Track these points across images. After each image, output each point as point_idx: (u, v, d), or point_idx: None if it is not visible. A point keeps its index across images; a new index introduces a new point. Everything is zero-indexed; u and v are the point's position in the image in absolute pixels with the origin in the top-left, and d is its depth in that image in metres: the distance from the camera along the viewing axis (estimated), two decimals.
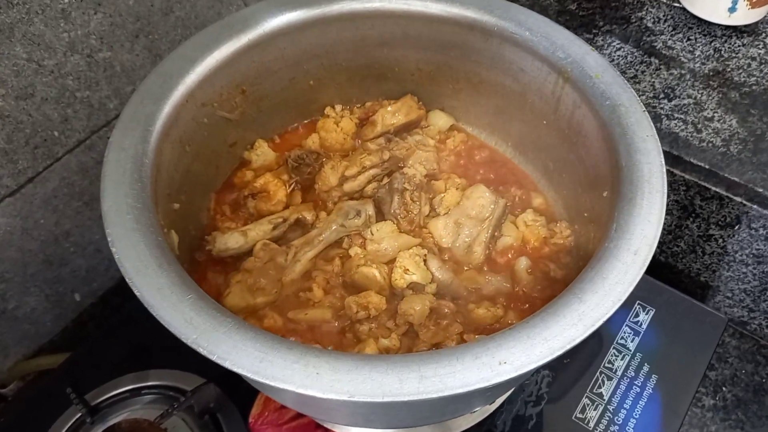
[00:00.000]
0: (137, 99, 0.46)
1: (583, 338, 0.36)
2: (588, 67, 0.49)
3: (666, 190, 0.42)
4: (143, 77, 0.59)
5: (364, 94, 0.62)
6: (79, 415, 0.54)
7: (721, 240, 0.68)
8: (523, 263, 0.53)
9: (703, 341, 0.61)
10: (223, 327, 0.36)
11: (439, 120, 0.62)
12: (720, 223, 0.67)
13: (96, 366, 0.60)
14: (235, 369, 0.34)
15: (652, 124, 0.45)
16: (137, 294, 0.37)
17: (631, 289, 0.37)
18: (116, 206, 0.40)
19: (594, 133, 0.48)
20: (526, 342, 0.35)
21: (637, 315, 0.63)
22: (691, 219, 0.69)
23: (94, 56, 0.61)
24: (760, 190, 0.62)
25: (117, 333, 0.64)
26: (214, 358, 0.35)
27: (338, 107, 0.62)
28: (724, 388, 0.71)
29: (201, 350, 0.35)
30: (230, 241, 0.51)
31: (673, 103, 0.69)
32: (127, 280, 0.37)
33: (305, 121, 0.62)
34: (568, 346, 0.35)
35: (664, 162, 0.43)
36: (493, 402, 0.57)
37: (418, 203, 0.54)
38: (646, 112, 0.46)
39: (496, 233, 0.54)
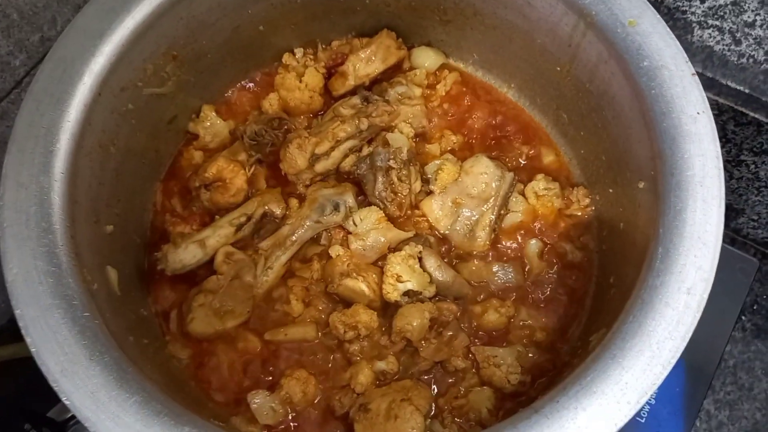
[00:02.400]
0: (31, 106, 0.35)
1: (628, 420, 0.29)
2: (619, 9, 0.37)
3: (724, 195, 0.33)
4: (52, 17, 0.47)
5: (329, 32, 0.49)
6: None
7: (753, 166, 0.60)
8: (534, 247, 0.45)
9: (732, 291, 0.55)
10: None
11: (426, 59, 0.50)
12: (755, 149, 0.58)
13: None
14: None
15: (704, 94, 0.35)
16: (67, 404, 0.29)
17: (685, 344, 0.30)
18: (24, 275, 0.31)
19: (626, 100, 0.38)
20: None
21: None
22: (722, 143, 0.60)
23: None
24: None
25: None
26: None
27: (299, 52, 0.50)
28: (743, 317, 0.66)
29: None
30: (186, 256, 0.42)
31: (706, 5, 0.57)
32: (51, 384, 0.29)
33: (260, 74, 0.50)
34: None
35: (720, 152, 0.34)
36: None
37: (407, 182, 0.45)
38: (696, 77, 0.35)
39: (502, 212, 0.45)
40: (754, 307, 0.67)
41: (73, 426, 0.50)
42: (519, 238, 0.45)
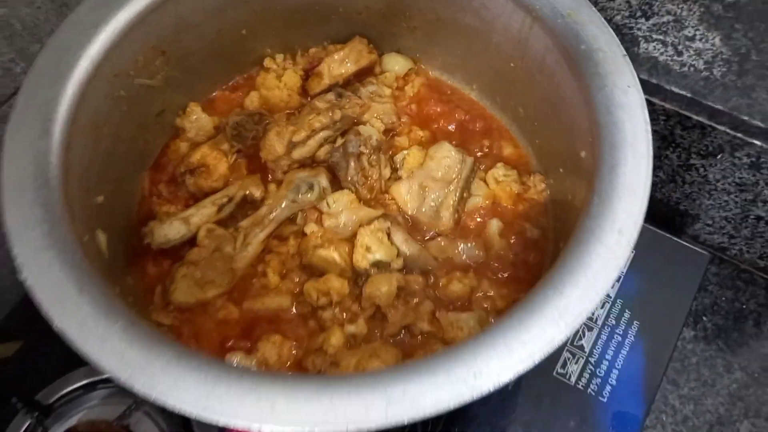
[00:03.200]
0: (32, 83, 0.39)
1: (567, 338, 0.32)
2: (558, 3, 0.42)
3: (652, 154, 0.37)
4: (52, 30, 0.51)
5: (306, 39, 0.54)
6: (30, 421, 0.50)
7: (702, 169, 0.64)
8: (495, 226, 0.48)
9: (686, 281, 0.59)
10: (160, 359, 0.31)
11: (396, 64, 0.55)
12: (702, 152, 0.63)
13: (43, 362, 0.55)
14: (178, 409, 0.30)
15: (634, 72, 0.40)
16: (56, 329, 0.32)
17: (617, 275, 0.33)
18: (21, 221, 0.34)
19: (568, 81, 0.42)
20: (503, 348, 0.32)
21: None
22: (671, 149, 0.64)
23: None
24: (746, 118, 0.57)
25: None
26: (152, 397, 0.30)
27: (279, 57, 0.54)
28: (704, 318, 0.69)
29: (137, 389, 0.30)
30: (170, 231, 0.46)
31: (651, 22, 0.63)
32: (43, 313, 0.32)
33: (243, 76, 0.55)
34: (549, 349, 0.31)
35: (648, 119, 0.38)
36: None
37: (377, 167, 0.49)
38: (627, 57, 0.40)
39: (464, 194, 0.49)
40: (714, 308, 0.70)
41: (58, 409, 0.52)
42: (481, 218, 0.49)
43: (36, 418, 0.49)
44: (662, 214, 0.72)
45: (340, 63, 0.52)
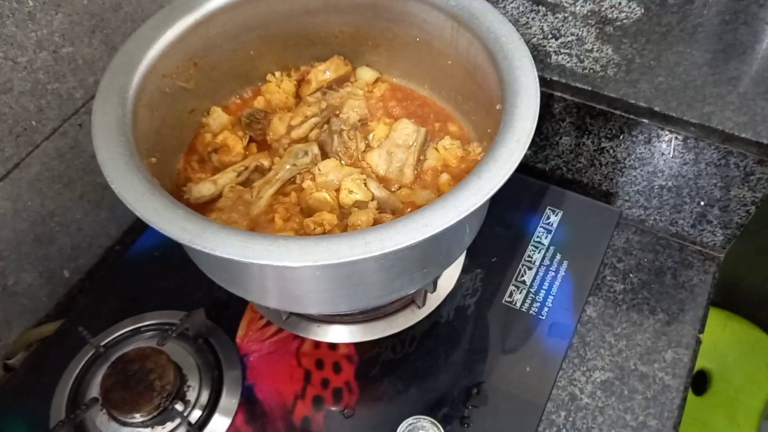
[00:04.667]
0: (110, 74, 0.56)
1: (482, 203, 0.47)
2: (474, 11, 0.61)
3: (539, 94, 0.54)
4: (104, 66, 0.69)
5: (297, 59, 0.72)
6: (93, 351, 0.63)
7: (611, 150, 0.82)
8: (445, 178, 0.65)
9: (602, 230, 0.74)
10: (210, 229, 0.46)
11: (366, 74, 0.73)
12: (608, 135, 0.80)
13: (96, 316, 0.69)
14: (225, 255, 0.45)
15: (526, 47, 0.57)
16: (139, 215, 0.47)
17: (515, 166, 0.49)
18: (109, 155, 0.50)
19: (485, 61, 0.60)
20: (441, 210, 0.47)
21: (548, 218, 0.76)
22: (586, 136, 0.82)
23: (59, 51, 0.70)
24: (633, 101, 0.75)
25: (110, 289, 0.73)
26: (207, 250, 0.45)
27: (277, 74, 0.72)
28: (631, 275, 0.85)
29: (196, 246, 0.45)
30: (203, 189, 0.62)
31: (559, 41, 0.82)
32: (129, 206, 0.47)
33: (251, 89, 0.72)
34: (472, 209, 0.47)
35: (536, 75, 0.55)
36: (433, 286, 0.68)
37: (354, 141, 0.66)
38: (522, 40, 0.58)
39: (421, 157, 0.66)
40: (638, 267, 0.86)
41: (112, 346, 0.65)
42: (434, 174, 0.65)
43: (97, 346, 0.62)
44: (592, 196, 0.88)
45: (323, 73, 0.70)
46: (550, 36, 0.83)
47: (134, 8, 0.77)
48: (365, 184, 0.62)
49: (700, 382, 1.12)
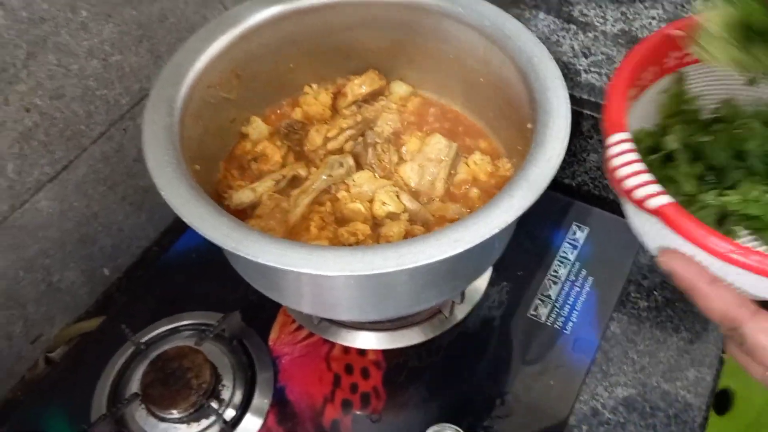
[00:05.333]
0: (159, 85, 0.59)
1: (514, 220, 0.49)
2: (508, 31, 0.63)
3: (570, 116, 0.56)
4: (149, 74, 0.73)
5: (334, 73, 0.75)
6: (133, 348, 0.66)
7: None
8: (475, 192, 0.67)
9: (628, 247, 0.75)
10: (252, 237, 0.49)
11: (400, 89, 0.75)
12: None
13: (136, 314, 0.72)
14: (265, 262, 0.47)
15: (558, 68, 0.59)
16: (186, 221, 0.49)
17: (546, 185, 0.51)
18: (158, 163, 0.53)
19: (517, 80, 0.62)
20: (474, 227, 0.49)
21: (574, 233, 0.77)
22: None
23: (108, 60, 0.73)
24: None
25: (149, 289, 0.76)
26: (249, 256, 0.47)
27: (314, 86, 0.75)
28: (655, 292, 0.85)
29: (239, 252, 0.47)
30: (243, 196, 0.64)
31: (589, 60, 0.84)
32: (176, 212, 0.50)
33: (288, 100, 0.75)
34: (503, 226, 0.49)
35: (568, 96, 0.57)
36: (461, 297, 0.70)
37: (388, 153, 0.68)
38: (554, 60, 0.60)
39: (452, 171, 0.68)
40: (663, 285, 0.86)
41: (152, 344, 0.68)
42: (464, 188, 0.67)
43: (138, 342, 0.65)
44: (617, 213, 0.88)
45: (359, 86, 0.73)
46: (580, 54, 0.85)
47: (179, 19, 0.80)
48: (398, 197, 0.64)
49: (722, 402, 1.11)
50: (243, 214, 0.64)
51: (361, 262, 0.47)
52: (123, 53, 0.74)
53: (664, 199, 0.43)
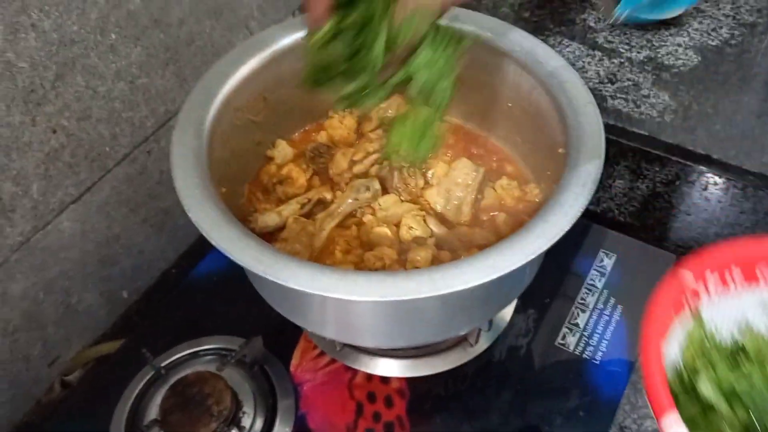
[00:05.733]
0: (188, 107, 0.59)
1: (549, 247, 0.48)
2: (538, 56, 0.62)
3: (603, 141, 0.55)
4: (174, 97, 0.73)
5: None
6: (153, 373, 0.65)
7: (666, 196, 0.82)
8: (502, 218, 0.65)
9: (657, 274, 0.74)
10: (282, 261, 0.48)
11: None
12: (663, 181, 0.80)
13: (156, 337, 0.71)
14: (295, 286, 0.46)
15: (590, 94, 0.58)
16: (215, 244, 0.49)
17: (581, 211, 0.50)
18: (186, 185, 0.53)
19: (548, 106, 0.61)
20: (508, 252, 0.48)
21: (602, 260, 0.76)
22: (640, 180, 0.82)
23: (135, 82, 0.73)
24: (691, 148, 0.76)
25: (170, 312, 0.75)
26: (279, 280, 0.46)
27: (340, 111, 0.74)
28: None
29: (269, 277, 0.47)
30: (268, 219, 0.64)
31: (615, 86, 0.83)
32: (205, 235, 0.49)
33: (313, 124, 0.75)
34: (539, 251, 0.48)
35: (601, 121, 0.56)
36: (489, 324, 0.69)
37: (414, 177, 0.67)
38: (586, 86, 0.59)
39: (478, 196, 0.67)
40: None
41: (171, 369, 0.67)
42: (491, 213, 0.66)
43: (158, 367, 0.64)
44: (643, 241, 0.87)
45: (384, 110, 0.72)
46: (606, 80, 0.84)
47: (205, 43, 0.81)
48: (425, 221, 0.63)
49: None
50: (268, 238, 0.63)
51: (393, 288, 0.46)
52: (150, 76, 0.75)
53: None
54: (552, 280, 0.74)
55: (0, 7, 0.56)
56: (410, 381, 0.67)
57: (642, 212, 0.86)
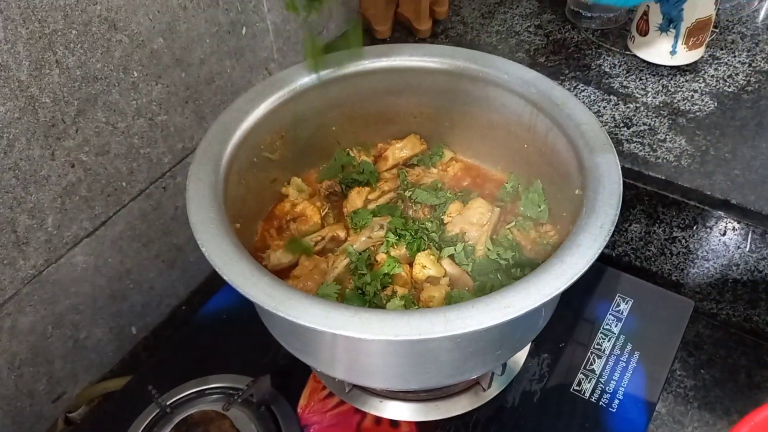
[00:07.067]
0: (206, 142, 0.59)
1: (566, 287, 0.47)
2: (555, 98, 0.62)
3: (621, 182, 0.54)
4: (192, 134, 0.74)
5: (375, 136, 0.75)
6: (158, 411, 0.64)
7: (683, 240, 0.81)
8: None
9: (676, 321, 0.72)
10: (294, 297, 0.47)
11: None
12: (681, 225, 0.79)
13: (163, 374, 0.70)
14: (307, 324, 0.45)
15: (608, 136, 0.58)
16: (227, 279, 0.48)
17: (598, 252, 0.49)
18: (201, 219, 0.52)
19: (564, 147, 0.61)
20: (524, 292, 0.47)
21: (618, 305, 0.74)
22: (657, 225, 0.81)
23: (154, 119, 0.74)
24: (708, 192, 0.75)
25: (178, 349, 0.74)
26: (290, 317, 0.46)
27: (355, 149, 0.75)
28: (702, 371, 0.81)
29: (280, 313, 0.46)
30: (282, 257, 0.63)
31: (631, 130, 0.83)
32: (217, 270, 0.49)
33: (330, 161, 0.75)
34: (555, 293, 0.47)
35: (619, 162, 0.56)
36: (502, 368, 0.67)
37: (432, 222, 0.67)
38: (603, 128, 0.59)
39: (493, 236, 0.66)
40: (710, 363, 0.83)
41: (177, 407, 0.65)
42: None
43: (163, 405, 0.63)
44: (659, 285, 0.86)
45: (400, 150, 0.73)
46: (621, 125, 0.84)
47: (225, 82, 0.82)
48: (438, 260, 0.63)
49: None
50: (281, 275, 0.63)
51: (407, 326, 0.45)
52: (169, 113, 0.76)
53: None
54: (567, 324, 0.73)
55: (27, 44, 0.57)
56: (420, 425, 0.65)
57: (659, 257, 0.85)
